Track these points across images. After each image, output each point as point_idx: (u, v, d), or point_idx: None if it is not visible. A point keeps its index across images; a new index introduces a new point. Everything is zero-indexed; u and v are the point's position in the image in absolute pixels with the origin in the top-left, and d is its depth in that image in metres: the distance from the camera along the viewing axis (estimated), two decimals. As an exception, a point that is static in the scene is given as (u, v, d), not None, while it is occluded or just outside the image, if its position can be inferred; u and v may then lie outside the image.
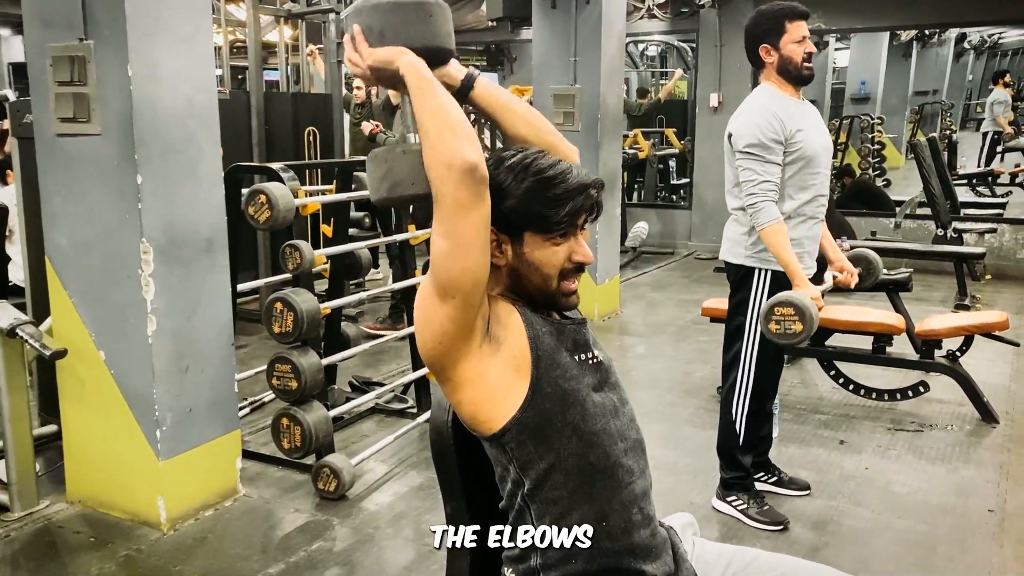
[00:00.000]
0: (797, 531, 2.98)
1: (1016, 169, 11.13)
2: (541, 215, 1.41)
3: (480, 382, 1.39)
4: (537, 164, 1.42)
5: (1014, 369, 4.72)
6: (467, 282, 1.33)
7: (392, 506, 3.20)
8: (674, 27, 8.80)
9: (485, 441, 1.43)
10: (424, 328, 1.39)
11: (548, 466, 1.39)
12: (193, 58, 2.96)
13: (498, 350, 1.40)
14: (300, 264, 3.23)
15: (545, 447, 1.39)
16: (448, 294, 1.34)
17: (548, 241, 1.43)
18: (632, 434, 1.49)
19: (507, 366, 1.40)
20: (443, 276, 1.33)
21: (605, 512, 1.41)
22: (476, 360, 1.39)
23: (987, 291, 6.68)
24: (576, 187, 1.41)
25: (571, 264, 1.46)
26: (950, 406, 4.15)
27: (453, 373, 1.40)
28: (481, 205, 1.32)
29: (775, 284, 2.85)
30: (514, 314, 1.44)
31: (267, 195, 3.12)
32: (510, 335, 1.42)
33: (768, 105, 2.84)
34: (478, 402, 1.40)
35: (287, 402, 3.21)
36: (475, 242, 1.33)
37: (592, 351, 1.49)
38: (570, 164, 1.44)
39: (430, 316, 1.36)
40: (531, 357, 1.40)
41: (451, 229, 1.31)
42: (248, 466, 3.46)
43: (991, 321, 3.98)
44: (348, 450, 3.65)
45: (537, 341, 1.42)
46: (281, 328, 3.15)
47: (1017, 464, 3.50)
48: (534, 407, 1.39)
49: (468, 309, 1.36)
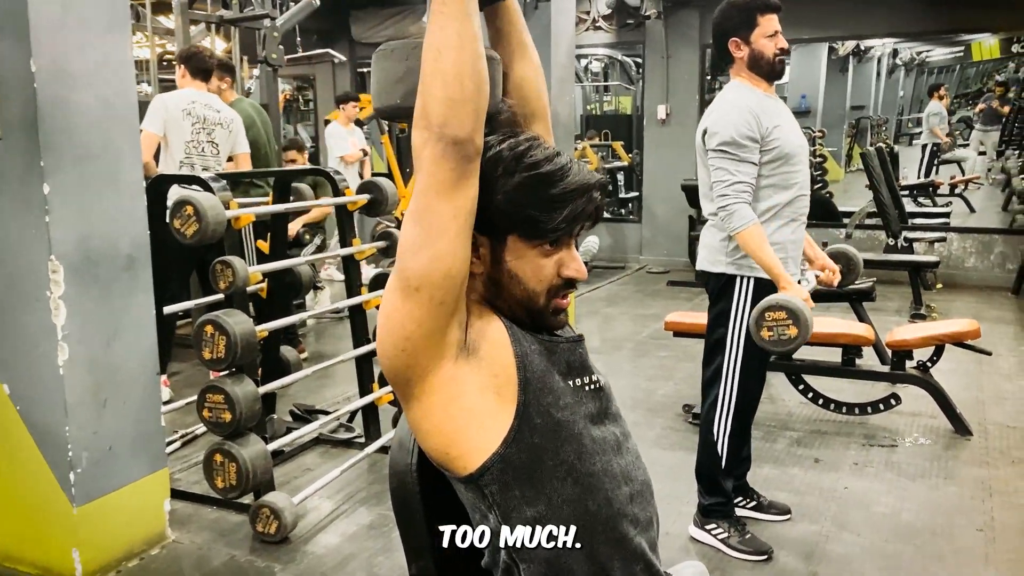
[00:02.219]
0: (783, 560, 2.76)
1: (954, 180, 11.33)
2: (532, 219, 1.16)
3: (454, 405, 1.13)
4: (532, 156, 1.17)
5: (978, 379, 4.62)
6: (436, 274, 1.08)
7: (340, 548, 2.90)
8: (620, 39, 8.68)
9: (459, 483, 1.17)
10: (384, 331, 1.13)
11: (537, 515, 1.14)
12: (109, 54, 2.65)
13: (478, 366, 1.15)
14: (233, 282, 2.92)
15: (535, 491, 1.14)
16: (412, 287, 1.09)
17: (535, 249, 1.19)
18: (639, 475, 1.24)
19: (487, 387, 1.14)
20: (408, 264, 1.09)
21: (607, 571, 1.16)
22: (450, 376, 1.13)
23: (939, 300, 6.64)
24: (577, 187, 1.17)
25: (560, 280, 1.21)
26: (922, 419, 4.01)
27: (420, 389, 1.14)
28: (466, 186, 1.08)
29: (758, 292, 2.65)
30: (497, 324, 1.19)
31: (194, 206, 2.81)
32: (492, 349, 1.16)
33: (743, 101, 2.65)
34: (451, 432, 1.14)
35: (221, 436, 2.89)
36: (451, 226, 1.08)
37: (591, 374, 1.24)
38: (569, 158, 1.20)
39: (390, 314, 1.12)
40: (517, 379, 1.15)
41: (424, 206, 1.07)
42: (178, 507, 3.12)
43: (962, 330, 3.85)
44: (290, 486, 3.33)
45: (525, 360, 1.17)
46: (212, 354, 2.83)
47: (999, 479, 3.35)
48: (520, 441, 1.13)
49: (436, 309, 1.10)
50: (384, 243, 3.77)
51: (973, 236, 7.45)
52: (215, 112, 4.37)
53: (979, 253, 7.36)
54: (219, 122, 4.37)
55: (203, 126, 4.31)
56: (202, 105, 4.31)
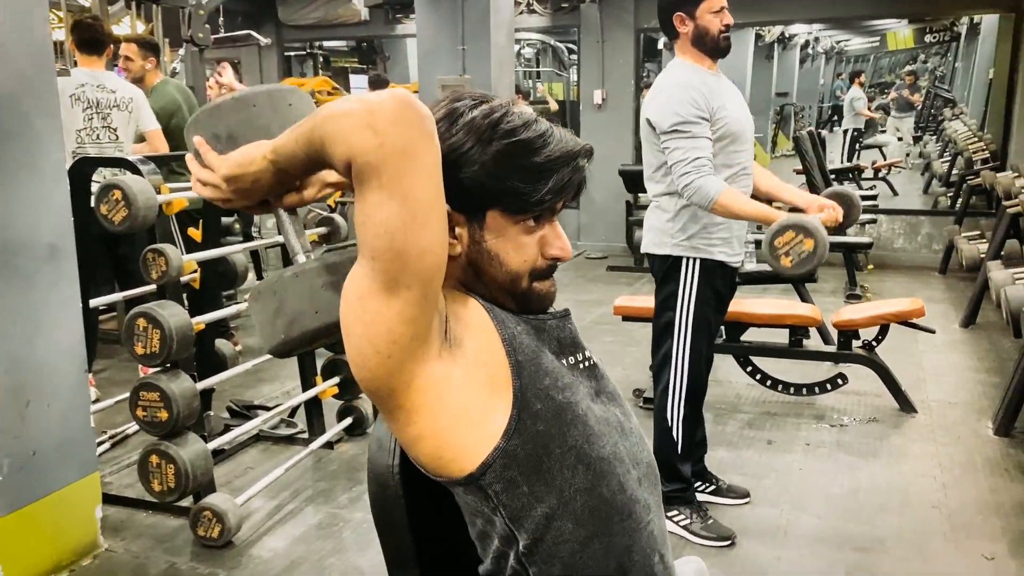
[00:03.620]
0: (746, 546, 2.72)
1: (878, 164, 11.63)
2: (514, 191, 1.05)
3: (441, 404, 1.01)
4: (508, 122, 1.06)
5: (916, 357, 4.70)
6: (428, 265, 0.96)
7: (288, 551, 2.75)
8: (555, 23, 8.59)
9: (456, 487, 1.05)
10: (363, 341, 0.99)
11: (550, 512, 1.03)
12: (22, 21, 2.43)
13: (463, 357, 1.03)
14: (166, 272, 2.74)
15: (544, 485, 1.03)
16: (400, 285, 0.95)
17: (517, 226, 1.08)
18: (644, 457, 1.15)
19: (476, 379, 1.03)
20: (393, 261, 0.95)
21: (626, 567, 1.07)
22: (436, 375, 1.01)
23: (872, 281, 6.76)
24: (562, 155, 1.06)
25: (545, 261, 1.11)
26: (867, 397, 4.04)
27: (406, 398, 1.01)
28: (433, 151, 0.95)
29: (704, 274, 2.63)
30: (475, 308, 1.08)
31: (123, 191, 2.61)
32: (476, 336, 1.05)
33: (688, 81, 2.59)
34: (443, 433, 1.02)
35: (156, 436, 2.70)
36: (435, 206, 0.96)
37: (584, 351, 1.15)
38: (548, 123, 1.09)
39: (373, 322, 0.97)
40: (509, 363, 1.04)
41: (403, 191, 0.93)
42: (111, 513, 2.92)
43: (907, 309, 3.89)
44: (230, 487, 3.16)
45: (514, 342, 1.06)
46: (146, 349, 2.64)
47: (946, 456, 3.39)
48: (522, 431, 1.02)
49: (428, 305, 0.98)
50: (326, 229, 3.60)
51: (901, 218, 7.63)
52: (109, 93, 4.01)
53: (907, 234, 7.53)
54: (115, 104, 4.02)
55: (96, 111, 3.96)
56: (93, 87, 3.95)
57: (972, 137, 8.65)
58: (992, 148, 7.73)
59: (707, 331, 2.73)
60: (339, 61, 13.13)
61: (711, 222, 2.61)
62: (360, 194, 0.93)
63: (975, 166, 7.48)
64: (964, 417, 3.80)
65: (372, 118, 0.90)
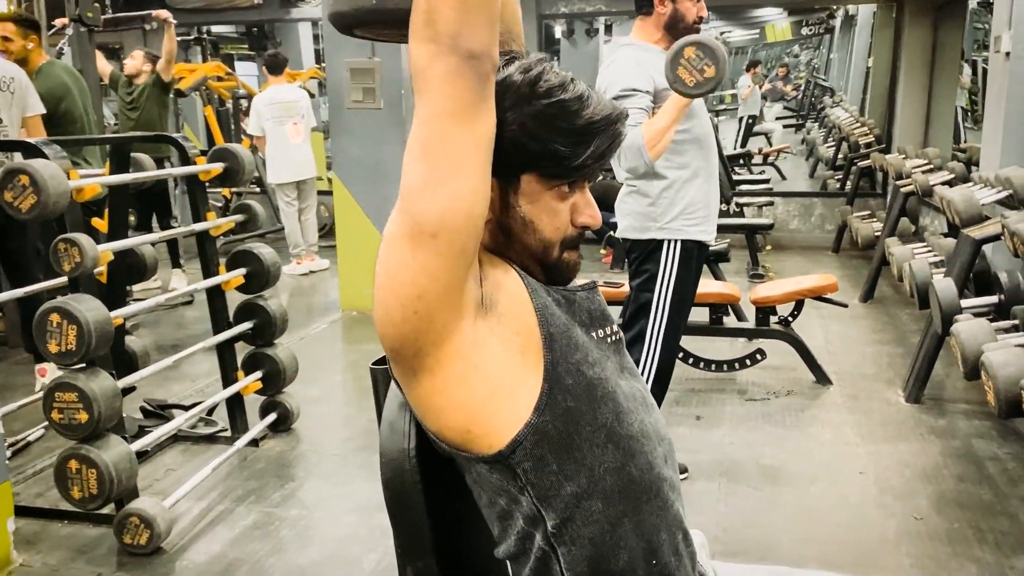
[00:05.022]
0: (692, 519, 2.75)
1: (770, 150, 12.08)
2: (554, 154, 1.00)
3: (476, 374, 0.96)
4: (547, 81, 1.01)
5: (823, 331, 4.88)
6: (456, 215, 0.90)
7: (223, 554, 2.61)
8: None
9: (480, 464, 1.00)
10: (387, 292, 0.93)
11: (579, 491, 0.99)
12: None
13: (498, 323, 0.98)
14: (80, 264, 2.54)
15: (574, 463, 0.99)
16: (426, 232, 0.90)
17: (552, 191, 1.03)
18: (665, 433, 1.13)
19: (510, 347, 0.98)
20: (420, 207, 0.89)
21: (654, 546, 1.04)
22: (469, 340, 0.96)
23: (771, 261, 7.00)
24: (603, 119, 1.02)
25: (575, 229, 1.07)
26: (784, 371, 4.17)
27: (433, 360, 0.95)
28: (486, 110, 0.91)
29: (684, 255, 2.64)
30: (512, 274, 1.03)
31: (31, 175, 2.41)
32: (511, 303, 1.00)
33: (641, 59, 2.59)
34: (474, 405, 0.97)
35: (75, 439, 2.51)
36: (472, 157, 0.90)
37: (612, 324, 1.11)
38: (583, 84, 1.04)
39: (396, 271, 0.92)
40: (541, 335, 1.00)
41: (438, 134, 0.88)
42: (21, 526, 2.70)
43: (822, 284, 4.03)
44: (152, 490, 2.99)
45: (546, 313, 1.01)
46: (61, 346, 2.45)
47: (865, 424, 3.52)
48: (554, 407, 0.98)
49: (455, 259, 0.92)
50: (242, 216, 3.44)
51: (796, 200, 7.93)
52: None
53: (801, 216, 7.83)
54: None
55: None
56: None
57: (855, 122, 9.08)
58: (876, 132, 8.13)
59: (687, 309, 2.77)
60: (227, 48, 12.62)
61: (691, 202, 2.63)
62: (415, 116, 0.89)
63: (861, 149, 7.85)
64: (875, 387, 3.97)
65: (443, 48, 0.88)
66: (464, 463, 1.01)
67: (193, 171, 3.20)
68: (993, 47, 4.42)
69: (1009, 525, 2.65)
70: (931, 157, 5.55)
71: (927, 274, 3.86)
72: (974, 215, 3.73)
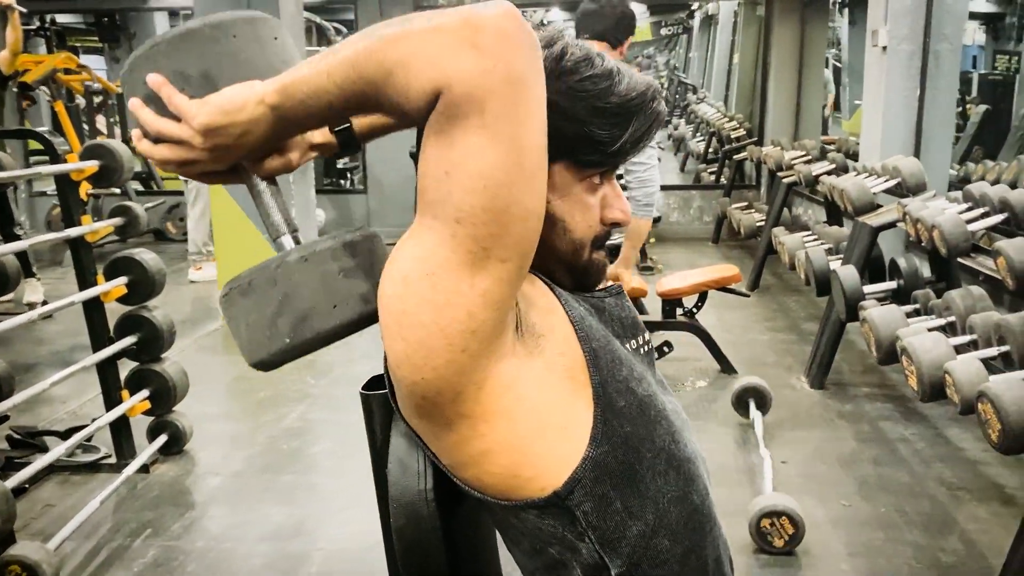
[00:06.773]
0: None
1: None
2: (591, 138, 0.87)
3: (520, 408, 0.81)
4: (573, 57, 0.87)
5: (719, 322, 4.94)
6: (531, 232, 0.76)
7: (123, 597, 2.33)
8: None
9: (529, 511, 0.84)
10: (431, 331, 0.76)
11: (646, 529, 0.86)
12: None
13: (537, 347, 0.84)
14: (-62, 277, 2.20)
15: (639, 497, 0.86)
16: (492, 257, 0.74)
17: (583, 183, 0.90)
18: (702, 452, 1.01)
19: (555, 370, 0.84)
20: (489, 224, 0.73)
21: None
22: (511, 373, 0.81)
23: (657, 253, 7.08)
24: (638, 96, 0.88)
25: (604, 226, 0.93)
26: (690, 362, 4.18)
27: (476, 403, 0.80)
28: (542, 82, 0.75)
29: None
30: (536, 283, 0.89)
31: None
32: (546, 318, 0.86)
33: None
34: (522, 444, 0.82)
35: (-62, 482, 2.17)
36: (544, 156, 0.75)
37: (644, 332, 0.98)
38: (612, 59, 0.90)
39: (448, 304, 0.75)
40: (583, 352, 0.85)
41: (512, 132, 0.71)
42: None
43: (726, 275, 4.06)
44: (29, 530, 2.65)
45: (584, 325, 0.87)
46: (-82, 374, 2.11)
47: (775, 412, 3.54)
48: (611, 435, 0.84)
49: (518, 284, 0.78)
50: (121, 220, 3.11)
51: (675, 193, 8.07)
52: None
53: (680, 208, 7.98)
54: None
55: None
56: None
57: (724, 117, 9.36)
58: (747, 126, 8.39)
59: None
60: (72, 40, 11.70)
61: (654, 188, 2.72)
62: (447, 137, 0.70)
63: (734, 143, 8.08)
64: (778, 374, 4.03)
65: (477, 35, 0.68)
66: (502, 512, 0.86)
67: (64, 170, 2.86)
68: (870, 40, 4.58)
69: (931, 507, 2.71)
70: (808, 148, 5.73)
71: (825, 262, 3.95)
72: (866, 203, 3.84)
